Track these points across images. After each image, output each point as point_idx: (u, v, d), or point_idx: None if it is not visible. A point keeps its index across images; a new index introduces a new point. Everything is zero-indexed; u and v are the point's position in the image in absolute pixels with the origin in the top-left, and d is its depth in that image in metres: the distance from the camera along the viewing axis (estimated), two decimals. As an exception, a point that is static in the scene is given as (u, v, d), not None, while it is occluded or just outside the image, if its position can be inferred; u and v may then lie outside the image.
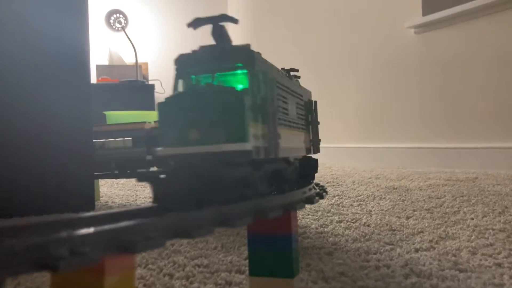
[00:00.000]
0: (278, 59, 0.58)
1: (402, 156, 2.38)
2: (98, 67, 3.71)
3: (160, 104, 0.37)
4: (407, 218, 0.90)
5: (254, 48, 0.39)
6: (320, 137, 0.66)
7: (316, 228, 0.82)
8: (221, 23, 0.39)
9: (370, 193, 1.24)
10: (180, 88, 0.40)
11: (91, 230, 0.24)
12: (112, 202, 1.27)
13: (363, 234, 0.76)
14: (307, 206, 0.64)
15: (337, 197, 1.19)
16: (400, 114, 2.47)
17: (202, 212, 0.32)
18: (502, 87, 1.97)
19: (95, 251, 0.23)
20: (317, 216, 0.93)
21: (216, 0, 4.38)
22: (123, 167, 1.08)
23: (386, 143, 2.54)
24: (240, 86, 0.39)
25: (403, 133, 2.45)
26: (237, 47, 0.39)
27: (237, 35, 3.66)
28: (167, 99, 0.38)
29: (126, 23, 4.13)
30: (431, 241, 0.71)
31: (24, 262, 0.21)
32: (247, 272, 0.55)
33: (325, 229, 0.81)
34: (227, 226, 0.33)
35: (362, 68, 2.71)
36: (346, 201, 1.12)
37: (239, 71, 0.40)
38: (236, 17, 0.39)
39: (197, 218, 0.31)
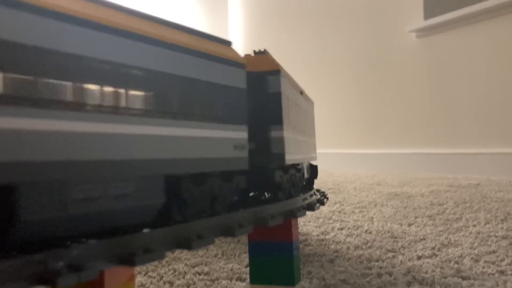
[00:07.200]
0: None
1: (403, 162, 2.38)
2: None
3: None
4: (409, 225, 0.89)
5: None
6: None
7: (318, 235, 0.81)
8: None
9: (372, 200, 1.24)
10: None
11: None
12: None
13: (365, 241, 0.76)
14: (308, 213, 0.64)
15: (338, 203, 1.18)
16: (401, 119, 2.47)
17: None
18: (505, 92, 1.96)
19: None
20: (318, 223, 0.92)
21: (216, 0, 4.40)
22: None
23: (387, 148, 2.54)
24: None
25: (404, 138, 2.45)
26: None
27: (237, 35, 3.65)
28: None
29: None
30: (433, 248, 0.71)
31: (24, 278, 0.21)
32: (248, 279, 0.55)
33: (327, 236, 0.80)
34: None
35: (363, 72, 2.72)
36: (347, 208, 1.12)
37: None
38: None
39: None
